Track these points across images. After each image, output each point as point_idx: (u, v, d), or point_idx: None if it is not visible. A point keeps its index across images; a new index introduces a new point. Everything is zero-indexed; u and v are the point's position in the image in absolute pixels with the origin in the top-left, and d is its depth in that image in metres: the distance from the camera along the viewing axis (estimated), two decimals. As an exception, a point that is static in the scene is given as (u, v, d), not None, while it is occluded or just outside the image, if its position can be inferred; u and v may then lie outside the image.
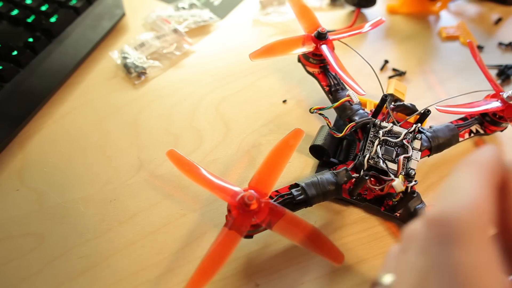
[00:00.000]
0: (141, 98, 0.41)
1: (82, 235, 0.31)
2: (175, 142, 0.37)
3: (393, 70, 0.44)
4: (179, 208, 0.32)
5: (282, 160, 0.28)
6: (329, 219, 0.32)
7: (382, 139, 0.31)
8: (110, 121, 0.38)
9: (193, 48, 0.46)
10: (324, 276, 0.29)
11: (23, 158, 0.35)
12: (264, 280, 0.29)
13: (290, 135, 0.30)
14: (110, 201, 0.33)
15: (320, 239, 0.26)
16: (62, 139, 0.37)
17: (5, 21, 0.41)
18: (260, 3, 0.51)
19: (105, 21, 0.45)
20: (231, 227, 0.26)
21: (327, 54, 0.34)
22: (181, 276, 0.29)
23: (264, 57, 0.35)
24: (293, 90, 0.41)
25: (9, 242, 0.30)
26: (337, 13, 0.51)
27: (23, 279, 0.28)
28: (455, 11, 0.53)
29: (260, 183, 0.27)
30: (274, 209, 0.26)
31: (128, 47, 0.44)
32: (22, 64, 0.38)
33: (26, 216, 0.32)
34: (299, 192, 0.29)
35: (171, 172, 0.35)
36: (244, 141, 0.37)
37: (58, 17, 0.42)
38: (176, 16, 0.48)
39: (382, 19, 0.39)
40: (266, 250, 0.30)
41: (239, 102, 0.40)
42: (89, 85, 0.41)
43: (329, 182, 0.30)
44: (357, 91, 0.32)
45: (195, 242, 0.31)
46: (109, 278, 0.29)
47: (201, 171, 0.28)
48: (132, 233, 0.31)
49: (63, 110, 0.39)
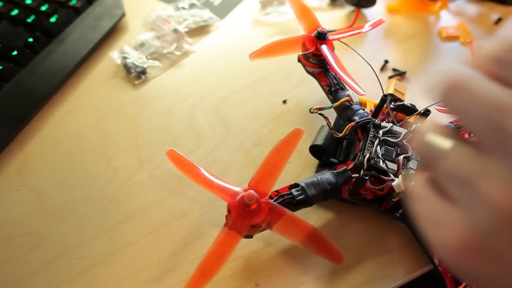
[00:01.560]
0: (141, 98, 0.41)
1: (82, 235, 0.31)
2: (175, 142, 0.37)
3: (393, 70, 0.44)
4: (179, 208, 0.32)
5: (282, 160, 0.28)
6: (329, 219, 0.32)
7: (382, 139, 0.31)
8: (110, 121, 0.38)
9: (193, 48, 0.46)
10: (324, 276, 0.29)
11: (23, 158, 0.35)
12: (264, 280, 0.29)
13: (290, 135, 0.30)
14: (110, 201, 0.33)
15: (320, 239, 0.26)
16: (62, 139, 0.37)
17: (5, 21, 0.41)
18: (260, 3, 0.51)
19: (105, 21, 0.45)
20: (231, 227, 0.26)
21: (327, 54, 0.34)
22: (181, 276, 0.29)
23: (264, 57, 0.35)
24: (293, 90, 0.41)
25: (9, 242, 0.30)
26: (337, 13, 0.51)
27: (23, 279, 0.28)
28: (455, 11, 0.53)
29: (260, 183, 0.27)
30: (274, 209, 0.26)
31: (128, 47, 0.44)
32: (22, 64, 0.38)
33: (26, 216, 0.32)
34: (299, 192, 0.29)
35: (171, 172, 0.35)
36: (244, 141, 0.37)
37: (58, 17, 0.42)
38: (176, 16, 0.48)
39: (382, 19, 0.39)
40: (266, 250, 0.30)
41: (239, 102, 0.40)
42: (89, 85, 0.41)
43: (329, 182, 0.30)
44: (357, 91, 0.32)
45: (195, 242, 0.31)
46: (109, 278, 0.29)
47: (201, 171, 0.28)
48: (132, 233, 0.31)
49: (63, 110, 0.39)
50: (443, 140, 0.17)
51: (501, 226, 0.14)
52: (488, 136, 0.15)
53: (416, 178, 0.19)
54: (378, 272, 0.29)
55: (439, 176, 0.17)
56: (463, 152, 0.16)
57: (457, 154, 0.16)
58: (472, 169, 0.16)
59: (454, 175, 0.16)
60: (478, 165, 0.16)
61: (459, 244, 0.16)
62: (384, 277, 0.29)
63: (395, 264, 0.30)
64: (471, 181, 0.15)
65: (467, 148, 0.16)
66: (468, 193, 0.16)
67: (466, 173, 0.16)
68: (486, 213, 0.15)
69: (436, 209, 0.17)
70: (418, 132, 0.18)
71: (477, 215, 0.15)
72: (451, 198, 0.17)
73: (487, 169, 0.15)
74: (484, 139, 0.16)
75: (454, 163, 0.16)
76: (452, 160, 0.16)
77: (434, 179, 0.18)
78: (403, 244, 0.31)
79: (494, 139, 0.15)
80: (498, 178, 0.15)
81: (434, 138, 0.18)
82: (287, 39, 0.36)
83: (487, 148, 0.16)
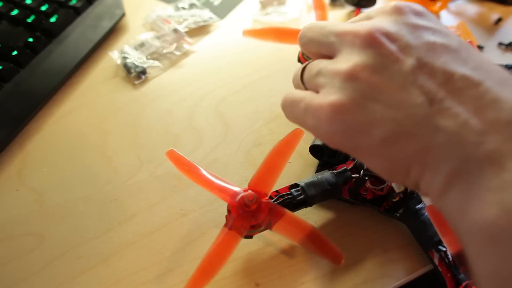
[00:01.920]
0: (141, 98, 0.41)
1: (82, 235, 0.31)
2: (175, 142, 0.37)
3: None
4: (179, 208, 0.32)
5: (282, 160, 0.28)
6: (329, 219, 0.32)
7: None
8: (110, 121, 0.38)
9: (193, 48, 0.46)
10: (324, 276, 0.29)
11: (23, 158, 0.35)
12: (264, 280, 0.29)
13: (290, 135, 0.30)
14: (110, 201, 0.33)
15: (319, 239, 0.27)
16: (62, 139, 0.37)
17: (5, 21, 0.41)
18: (260, 3, 0.51)
19: (105, 21, 0.45)
20: (231, 227, 0.26)
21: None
22: (181, 276, 0.29)
23: (256, 37, 0.34)
24: (293, 90, 0.41)
25: (9, 242, 0.30)
26: (337, 13, 0.51)
27: (23, 279, 0.28)
28: (455, 11, 0.53)
29: (260, 183, 0.27)
30: (274, 209, 0.26)
31: (128, 47, 0.44)
32: (22, 64, 0.38)
33: (26, 216, 0.32)
34: (299, 192, 0.29)
35: (171, 172, 0.35)
36: (244, 141, 0.37)
37: (58, 17, 0.42)
38: (176, 16, 0.48)
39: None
40: (266, 250, 0.30)
41: (239, 102, 0.40)
42: (89, 85, 0.41)
43: (329, 182, 0.30)
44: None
45: (195, 242, 0.31)
46: (109, 278, 0.29)
47: (200, 171, 0.28)
48: (132, 233, 0.31)
49: (63, 110, 0.39)
50: (301, 67, 0.25)
51: (348, 82, 0.20)
52: (323, 45, 0.24)
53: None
54: (378, 272, 0.29)
55: (303, 80, 0.25)
56: (313, 62, 0.24)
57: (309, 64, 0.25)
58: (320, 64, 0.23)
59: (309, 74, 0.24)
60: (323, 62, 0.23)
61: (327, 109, 0.21)
62: (384, 277, 0.29)
63: (395, 264, 0.30)
64: (320, 71, 0.23)
65: (316, 59, 0.24)
66: (320, 79, 0.22)
67: (316, 67, 0.23)
68: (336, 80, 0.21)
69: (301, 93, 0.24)
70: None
71: (331, 83, 0.21)
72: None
73: (329, 61, 0.22)
74: (323, 50, 0.24)
75: (308, 69, 0.24)
76: (307, 68, 0.25)
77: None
78: (403, 244, 0.31)
79: (327, 43, 0.23)
80: (344, 60, 0.21)
81: (295, 74, 0.26)
82: (286, 27, 0.35)
83: (327, 53, 0.23)
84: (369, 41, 0.20)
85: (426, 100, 0.19)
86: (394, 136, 0.19)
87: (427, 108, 0.19)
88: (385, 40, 0.20)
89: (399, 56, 0.20)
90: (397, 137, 0.19)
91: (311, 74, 0.24)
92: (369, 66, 0.20)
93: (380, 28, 0.21)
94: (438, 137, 0.18)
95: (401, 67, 0.20)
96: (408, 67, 0.20)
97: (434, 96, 0.19)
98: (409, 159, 0.19)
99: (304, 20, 0.49)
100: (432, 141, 0.18)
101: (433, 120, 0.18)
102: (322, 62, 0.23)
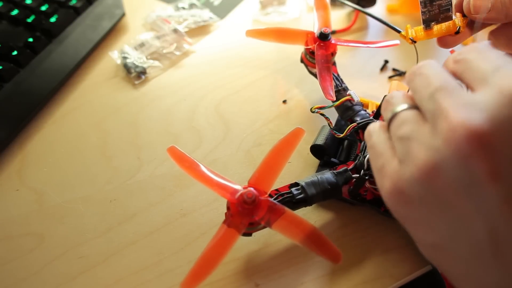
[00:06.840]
0: (141, 98, 0.41)
1: (82, 235, 0.31)
2: (175, 142, 0.37)
3: (393, 70, 0.44)
4: (179, 208, 0.32)
5: (282, 159, 0.28)
6: (329, 219, 0.32)
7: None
8: (110, 121, 0.38)
9: (193, 48, 0.46)
10: (324, 276, 0.29)
11: (23, 158, 0.35)
12: (264, 280, 0.29)
13: (291, 134, 0.30)
14: (110, 201, 0.33)
15: (318, 238, 0.26)
16: (62, 139, 0.37)
17: (5, 21, 0.41)
18: (260, 3, 0.51)
19: (105, 21, 0.45)
20: (229, 224, 0.26)
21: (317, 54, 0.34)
22: (181, 276, 0.29)
23: (259, 37, 0.34)
24: (293, 90, 0.41)
25: (9, 242, 0.30)
26: (337, 13, 0.51)
27: (23, 279, 0.28)
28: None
29: (260, 181, 0.27)
30: (273, 207, 0.26)
31: (128, 47, 0.44)
32: (22, 64, 0.38)
33: (26, 216, 0.32)
34: (298, 191, 0.29)
35: (171, 172, 0.35)
36: (244, 141, 0.37)
37: (58, 17, 0.42)
38: (176, 16, 0.48)
39: (398, 43, 0.38)
40: (266, 250, 0.30)
41: (239, 102, 0.40)
42: (89, 85, 0.41)
43: (329, 182, 0.30)
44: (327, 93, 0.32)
45: (195, 242, 0.31)
46: (109, 278, 0.29)
47: (201, 168, 0.28)
48: (132, 233, 0.31)
49: (63, 110, 0.39)
50: (399, 102, 0.22)
51: (418, 181, 0.19)
52: (425, 106, 0.20)
53: (374, 124, 0.24)
54: (378, 272, 0.29)
55: (390, 128, 0.22)
56: (409, 114, 0.21)
57: (404, 114, 0.21)
58: (410, 128, 0.20)
59: (397, 130, 0.21)
60: (415, 126, 0.20)
61: (392, 187, 0.20)
62: (383, 277, 0.29)
63: (395, 264, 0.30)
64: (407, 138, 0.20)
65: (414, 112, 0.21)
66: (403, 148, 0.20)
67: (405, 130, 0.20)
68: (410, 167, 0.19)
69: (383, 150, 0.22)
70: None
71: (405, 168, 0.20)
72: (393, 147, 0.22)
73: (420, 132, 0.20)
74: (423, 108, 0.20)
75: (399, 121, 0.21)
76: (399, 118, 0.21)
77: (387, 128, 0.23)
78: (403, 244, 0.31)
79: (428, 109, 0.20)
80: (425, 143, 0.19)
81: (393, 98, 0.23)
82: (289, 28, 0.35)
83: (425, 116, 0.20)
84: (469, 150, 0.17)
85: (489, 239, 0.18)
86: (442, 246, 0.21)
87: (487, 247, 0.19)
88: (485, 153, 0.17)
89: (491, 180, 0.17)
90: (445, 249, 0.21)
91: (398, 132, 0.21)
92: (453, 177, 0.18)
93: (488, 130, 0.17)
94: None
95: (488, 194, 0.18)
96: (495, 197, 0.18)
97: (499, 239, 0.18)
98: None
99: (304, 20, 0.49)
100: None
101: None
102: (415, 127, 0.20)
